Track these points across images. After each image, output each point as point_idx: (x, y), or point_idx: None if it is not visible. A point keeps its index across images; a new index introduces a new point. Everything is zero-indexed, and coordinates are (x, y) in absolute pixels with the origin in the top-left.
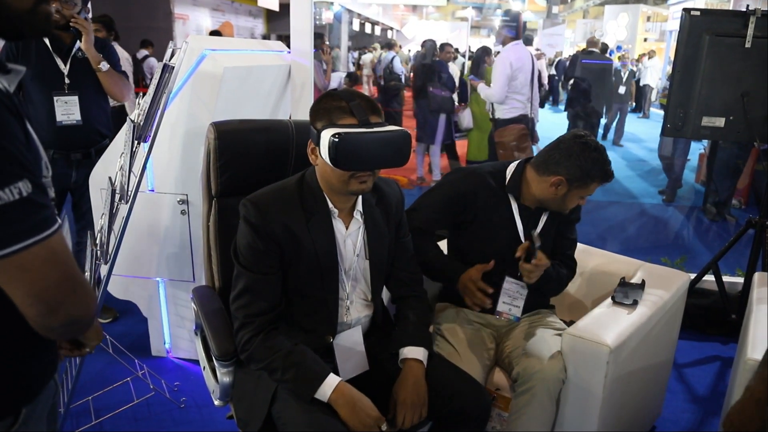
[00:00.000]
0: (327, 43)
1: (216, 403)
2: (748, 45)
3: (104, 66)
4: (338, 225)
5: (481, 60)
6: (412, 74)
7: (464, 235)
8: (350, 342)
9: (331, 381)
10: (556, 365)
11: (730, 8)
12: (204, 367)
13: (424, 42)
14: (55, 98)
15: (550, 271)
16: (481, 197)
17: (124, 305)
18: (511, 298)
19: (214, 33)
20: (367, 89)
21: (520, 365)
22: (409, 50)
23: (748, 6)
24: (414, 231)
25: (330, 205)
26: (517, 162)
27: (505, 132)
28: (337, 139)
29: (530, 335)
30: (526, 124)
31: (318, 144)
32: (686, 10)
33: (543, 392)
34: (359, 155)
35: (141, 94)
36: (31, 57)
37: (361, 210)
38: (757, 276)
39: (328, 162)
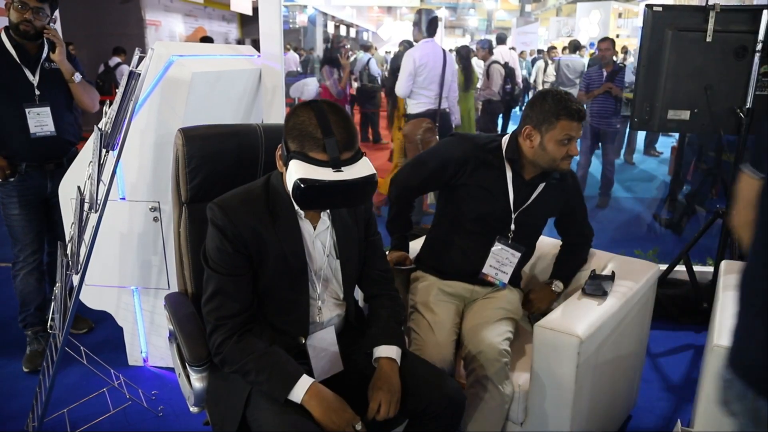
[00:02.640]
0: (347, 47)
1: (191, 409)
2: (709, 39)
3: (77, 77)
4: (306, 226)
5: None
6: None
7: (457, 195)
8: (324, 342)
9: (304, 382)
10: (495, 345)
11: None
12: (179, 374)
13: (401, 43)
14: (26, 110)
15: (569, 273)
16: (473, 163)
17: (99, 315)
18: (499, 263)
19: (205, 39)
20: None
21: (466, 347)
22: (387, 51)
23: (707, 1)
24: (405, 189)
25: (296, 206)
26: (509, 134)
27: (410, 126)
28: (301, 185)
29: (482, 314)
30: (433, 118)
31: (286, 165)
32: (648, 6)
33: (488, 370)
34: (322, 200)
35: (108, 102)
36: None
37: (329, 211)
38: (723, 264)
39: (291, 197)
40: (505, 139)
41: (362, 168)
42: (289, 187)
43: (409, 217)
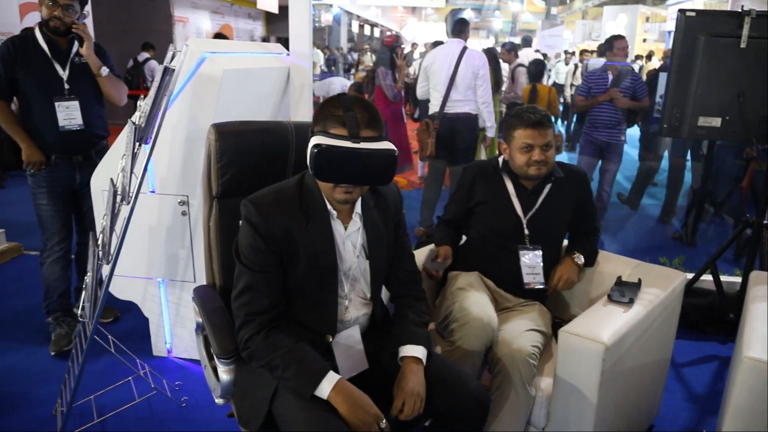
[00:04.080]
0: (402, 46)
1: (217, 401)
2: (743, 45)
3: (105, 71)
4: (337, 226)
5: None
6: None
7: (476, 216)
8: (349, 341)
9: (331, 378)
10: (524, 349)
11: (727, 9)
12: (205, 366)
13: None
14: (56, 104)
15: (587, 249)
16: (479, 183)
17: (126, 305)
18: (531, 267)
19: (219, 36)
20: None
21: (492, 350)
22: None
23: (743, 6)
24: (443, 222)
25: (329, 206)
26: None
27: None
28: (315, 150)
29: (513, 323)
30: (432, 119)
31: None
32: (682, 11)
33: (514, 373)
34: (337, 169)
35: (142, 96)
36: (30, 63)
37: (360, 212)
38: (752, 275)
39: (310, 170)
40: (502, 156)
41: (383, 145)
42: (308, 160)
43: (454, 235)
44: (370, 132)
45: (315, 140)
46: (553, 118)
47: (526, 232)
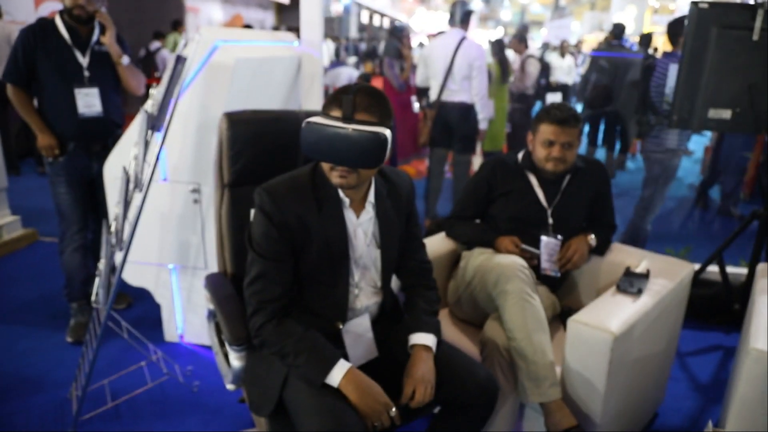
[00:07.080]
0: (409, 35)
1: (228, 387)
2: (755, 37)
3: (125, 60)
4: (349, 215)
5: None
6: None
7: (496, 207)
8: (359, 329)
9: (342, 366)
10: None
11: (739, 1)
12: (217, 352)
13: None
14: (76, 91)
15: (601, 235)
16: (499, 175)
17: (138, 291)
18: (550, 255)
19: (246, 27)
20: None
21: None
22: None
23: None
24: (455, 218)
25: (341, 194)
26: None
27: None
28: (303, 126)
29: None
30: (430, 107)
31: None
32: (694, 3)
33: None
34: (321, 147)
35: (154, 84)
36: (50, 50)
37: (373, 201)
38: (759, 267)
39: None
40: (523, 151)
41: (373, 129)
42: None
43: (477, 225)
44: (366, 116)
45: (309, 118)
46: None
47: (550, 221)
